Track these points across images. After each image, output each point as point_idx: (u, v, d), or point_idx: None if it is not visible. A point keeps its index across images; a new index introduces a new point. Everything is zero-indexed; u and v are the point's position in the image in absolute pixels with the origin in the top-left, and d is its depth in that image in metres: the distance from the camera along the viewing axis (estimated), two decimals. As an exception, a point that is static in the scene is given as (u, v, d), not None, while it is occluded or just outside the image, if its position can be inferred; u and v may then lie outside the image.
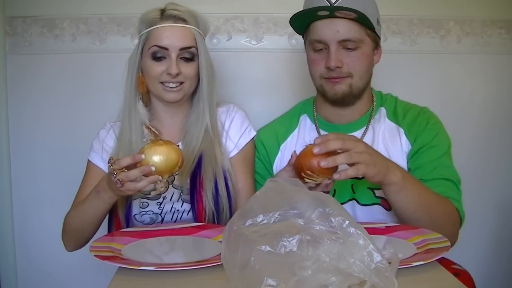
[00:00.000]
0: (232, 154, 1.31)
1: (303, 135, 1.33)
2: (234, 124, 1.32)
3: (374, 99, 1.32)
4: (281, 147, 1.34)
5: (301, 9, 1.18)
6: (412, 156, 1.24)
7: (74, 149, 1.68)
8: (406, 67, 1.73)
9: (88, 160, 1.30)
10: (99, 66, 1.69)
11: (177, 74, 1.21)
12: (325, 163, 0.96)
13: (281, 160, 1.33)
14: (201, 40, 1.26)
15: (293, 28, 1.27)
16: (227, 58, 1.68)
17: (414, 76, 1.73)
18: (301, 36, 1.30)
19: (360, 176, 1.01)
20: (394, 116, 1.29)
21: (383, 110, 1.30)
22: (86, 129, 1.62)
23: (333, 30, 1.17)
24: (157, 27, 1.21)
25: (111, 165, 1.02)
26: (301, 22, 1.22)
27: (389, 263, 0.67)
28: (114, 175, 1.01)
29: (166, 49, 1.21)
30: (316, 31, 1.19)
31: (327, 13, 1.15)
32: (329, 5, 1.15)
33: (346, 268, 0.63)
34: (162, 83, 1.23)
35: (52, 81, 1.70)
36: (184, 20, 1.23)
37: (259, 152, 1.36)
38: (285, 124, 1.37)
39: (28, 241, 1.77)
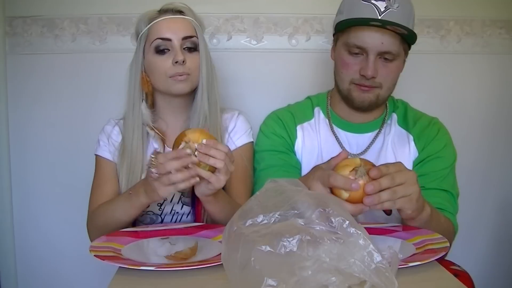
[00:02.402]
0: None
1: (319, 128, 1.32)
2: (237, 127, 1.32)
3: (387, 104, 1.33)
4: (298, 127, 1.32)
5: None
6: (417, 164, 1.25)
7: (75, 148, 1.69)
8: (406, 67, 1.72)
9: (97, 155, 1.29)
10: (99, 66, 1.69)
11: (184, 61, 1.20)
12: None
13: (303, 143, 1.31)
14: (200, 32, 1.26)
15: (335, 29, 1.25)
16: (227, 58, 1.68)
17: (414, 76, 1.73)
18: (303, 36, 1.29)
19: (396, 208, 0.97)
20: (404, 123, 1.31)
21: (394, 116, 1.32)
22: (86, 129, 1.62)
23: (378, 40, 1.15)
24: (157, 21, 1.22)
25: (154, 157, 1.02)
26: (343, 24, 1.20)
27: (389, 263, 0.67)
28: (151, 168, 1.00)
29: (169, 39, 1.21)
30: (360, 37, 1.17)
31: (380, 24, 1.13)
32: (379, 17, 1.14)
33: (346, 268, 0.63)
34: (171, 77, 1.21)
35: (52, 81, 1.70)
36: (181, 12, 1.24)
37: (276, 127, 1.33)
38: (300, 111, 1.36)
39: (28, 241, 1.77)
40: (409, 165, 1.25)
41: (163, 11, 1.25)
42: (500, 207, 1.84)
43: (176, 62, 1.20)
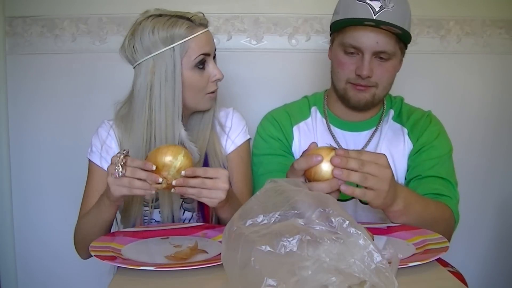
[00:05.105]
0: (229, 151, 1.30)
1: (315, 127, 1.33)
2: (234, 126, 1.31)
3: (385, 102, 1.33)
4: (294, 128, 1.33)
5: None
6: (413, 155, 1.26)
7: (74, 148, 1.69)
8: (406, 67, 1.73)
9: (89, 160, 1.27)
10: (99, 66, 1.69)
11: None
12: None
13: (300, 143, 1.32)
14: None
15: (331, 29, 1.25)
16: (227, 58, 1.68)
17: (414, 76, 1.73)
18: (303, 36, 1.30)
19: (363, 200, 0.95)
20: (399, 118, 1.32)
21: (391, 112, 1.33)
22: (86, 129, 1.61)
23: (373, 40, 1.16)
24: (196, 35, 1.16)
25: (123, 156, 0.99)
26: (339, 24, 1.20)
27: (389, 263, 0.67)
28: (118, 167, 0.98)
29: (209, 54, 1.19)
30: (355, 37, 1.17)
31: (374, 24, 1.14)
32: (373, 17, 1.14)
33: (346, 268, 0.63)
34: (208, 93, 1.21)
35: (52, 81, 1.70)
36: (206, 25, 1.22)
37: (273, 130, 1.33)
38: (297, 110, 1.36)
39: (28, 241, 1.77)
40: (404, 158, 1.27)
41: (197, 24, 1.17)
42: (502, 207, 1.84)
43: (217, 79, 1.20)
